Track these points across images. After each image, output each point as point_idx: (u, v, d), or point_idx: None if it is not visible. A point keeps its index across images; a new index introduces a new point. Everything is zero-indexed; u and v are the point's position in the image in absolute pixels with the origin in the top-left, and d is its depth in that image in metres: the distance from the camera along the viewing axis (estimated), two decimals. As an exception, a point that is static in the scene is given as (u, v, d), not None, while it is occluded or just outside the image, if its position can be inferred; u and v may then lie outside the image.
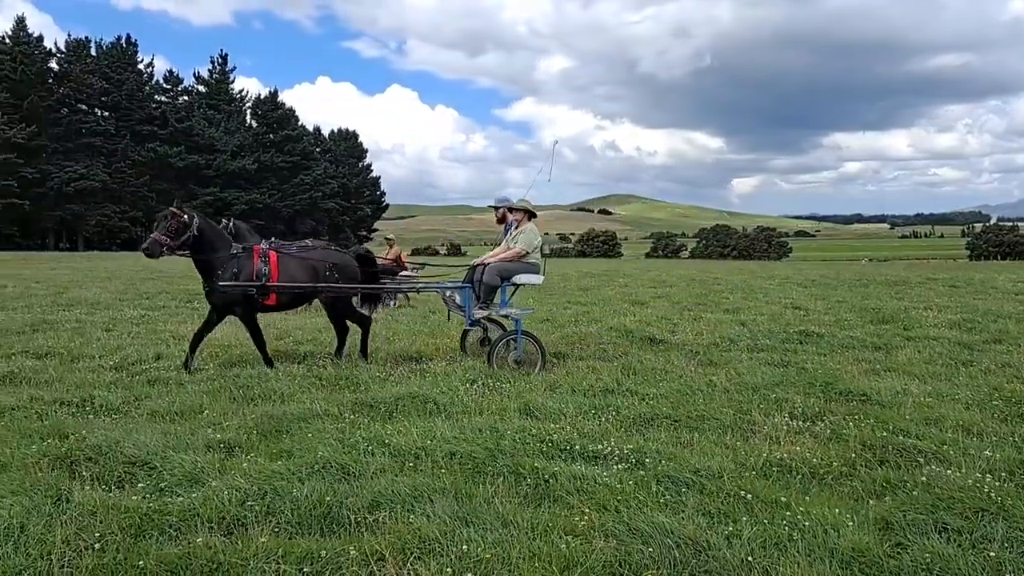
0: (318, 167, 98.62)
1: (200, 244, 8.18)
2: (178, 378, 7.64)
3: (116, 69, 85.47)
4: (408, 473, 4.57)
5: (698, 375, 7.87)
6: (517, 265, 8.74)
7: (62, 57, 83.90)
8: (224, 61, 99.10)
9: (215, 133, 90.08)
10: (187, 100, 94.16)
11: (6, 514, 3.69)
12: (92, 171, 78.90)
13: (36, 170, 75.42)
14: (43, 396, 6.62)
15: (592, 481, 4.41)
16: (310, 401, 6.50)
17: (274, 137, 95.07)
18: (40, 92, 77.32)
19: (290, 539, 3.66)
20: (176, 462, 4.64)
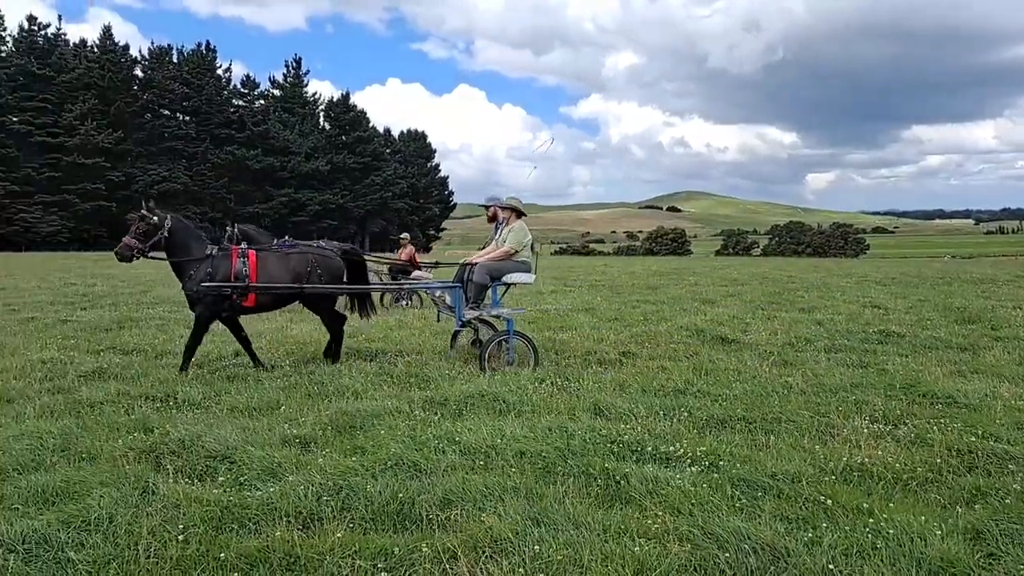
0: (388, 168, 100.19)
1: (172, 246, 8.02)
2: (256, 374, 7.85)
3: (196, 75, 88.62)
4: (479, 471, 4.59)
5: (773, 376, 7.68)
6: (507, 264, 8.60)
7: (146, 64, 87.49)
8: (298, 65, 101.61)
9: (290, 136, 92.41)
10: (263, 104, 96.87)
11: (96, 504, 3.85)
12: (174, 174, 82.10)
13: (122, 173, 78.84)
14: (129, 391, 6.89)
15: (665, 483, 4.34)
16: (382, 398, 6.59)
17: (346, 139, 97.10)
18: (126, 98, 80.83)
19: (364, 535, 3.72)
20: (255, 456, 4.76)
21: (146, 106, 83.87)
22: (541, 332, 11.03)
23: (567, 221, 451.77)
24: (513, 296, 16.02)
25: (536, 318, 13.00)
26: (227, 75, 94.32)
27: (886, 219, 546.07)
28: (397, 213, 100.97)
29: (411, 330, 11.35)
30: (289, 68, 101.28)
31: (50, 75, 78.20)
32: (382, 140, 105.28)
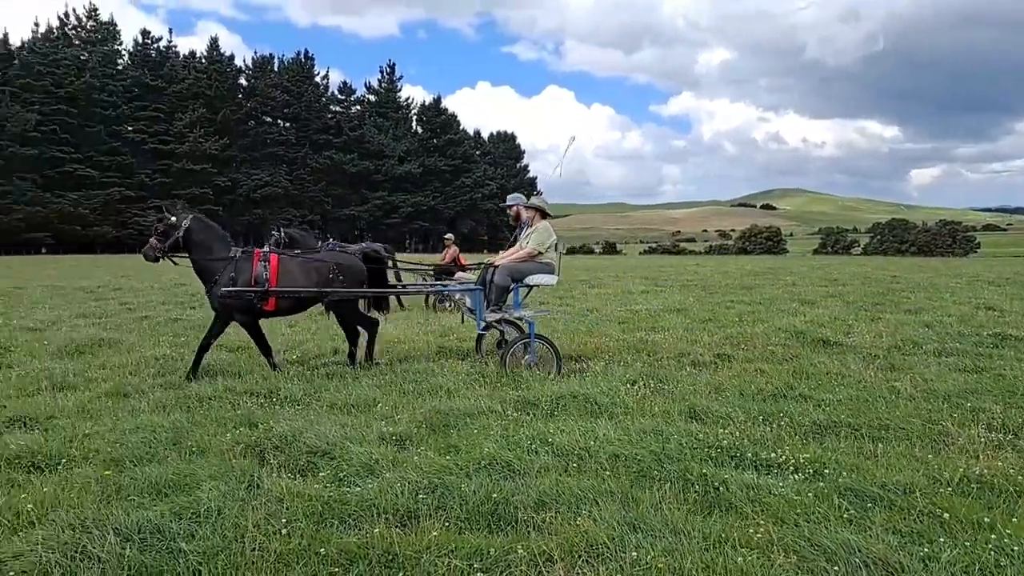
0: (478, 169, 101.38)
1: (192, 246, 7.96)
2: (354, 372, 8.02)
3: (296, 83, 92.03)
4: (572, 474, 4.55)
5: (879, 380, 7.33)
6: (530, 265, 8.42)
7: (249, 73, 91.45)
8: (392, 70, 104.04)
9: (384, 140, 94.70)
10: (359, 109, 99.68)
11: (205, 497, 4.00)
12: (275, 178, 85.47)
13: (228, 178, 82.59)
14: (235, 387, 7.14)
15: (766, 491, 4.19)
16: (475, 397, 6.62)
17: (437, 142, 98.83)
18: (231, 106, 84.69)
19: (460, 534, 3.73)
20: (353, 453, 4.86)
21: (250, 113, 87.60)
22: (632, 333, 10.89)
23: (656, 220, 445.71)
24: (570, 296, 15.92)
25: (627, 318, 12.86)
26: (325, 82, 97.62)
27: (997, 216, 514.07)
28: (486, 214, 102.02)
29: (502, 330, 11.38)
30: (383, 74, 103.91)
31: (162, 86, 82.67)
32: (472, 142, 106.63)
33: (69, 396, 6.84)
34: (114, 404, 6.53)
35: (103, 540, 3.47)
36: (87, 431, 5.50)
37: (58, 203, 71.20)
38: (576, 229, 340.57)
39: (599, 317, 13.24)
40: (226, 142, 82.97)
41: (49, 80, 75.43)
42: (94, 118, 77.42)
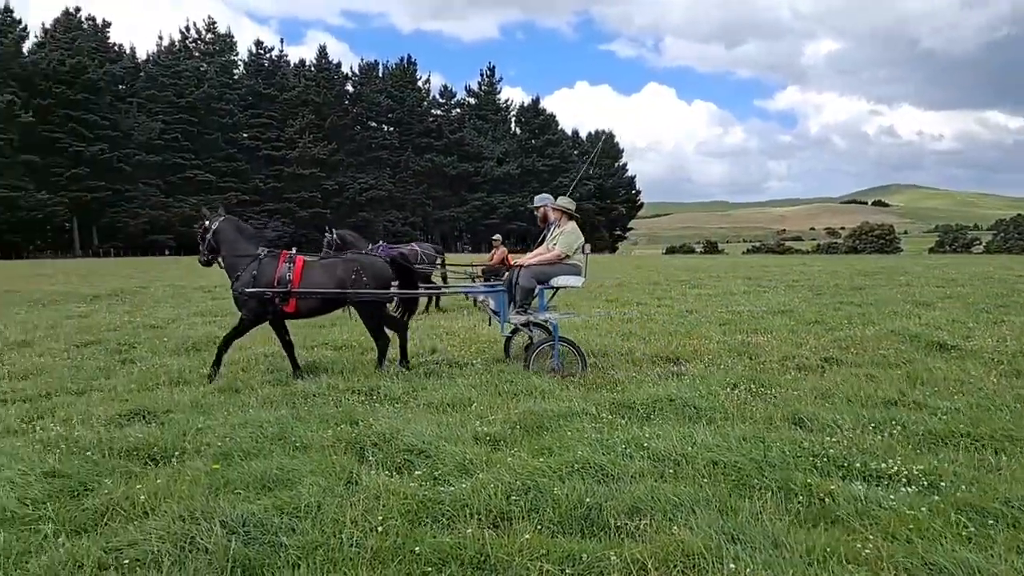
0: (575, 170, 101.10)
1: (219, 245, 8.20)
2: (450, 372, 8.13)
3: (399, 87, 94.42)
4: (668, 480, 4.44)
5: (1002, 388, 6.84)
6: (555, 267, 8.28)
7: (356, 80, 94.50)
8: (492, 73, 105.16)
9: (483, 142, 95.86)
10: (459, 112, 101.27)
11: (306, 492, 4.13)
12: (380, 181, 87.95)
13: (335, 182, 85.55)
14: (338, 384, 7.35)
15: (876, 504, 3.97)
16: (569, 399, 6.58)
17: (536, 142, 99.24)
18: (338, 112, 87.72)
19: (552, 538, 3.71)
20: (448, 452, 4.91)
21: (356, 119, 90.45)
22: (733, 335, 10.58)
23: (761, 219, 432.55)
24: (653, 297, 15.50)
25: (728, 320, 12.51)
26: (427, 86, 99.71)
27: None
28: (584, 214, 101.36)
29: (598, 331, 11.29)
30: (483, 76, 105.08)
31: (274, 94, 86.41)
32: (570, 142, 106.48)
33: (185, 391, 7.20)
34: (226, 399, 6.84)
35: (211, 532, 3.63)
36: (200, 425, 5.77)
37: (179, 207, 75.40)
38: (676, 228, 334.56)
39: (698, 318, 12.93)
40: (333, 147, 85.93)
41: (172, 91, 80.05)
42: (212, 126, 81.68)
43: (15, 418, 6.10)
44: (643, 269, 34.45)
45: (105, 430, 5.56)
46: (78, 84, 71.68)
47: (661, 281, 24.25)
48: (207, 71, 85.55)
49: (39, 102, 69.34)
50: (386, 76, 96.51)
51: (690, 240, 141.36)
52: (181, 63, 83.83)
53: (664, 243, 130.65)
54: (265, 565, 3.43)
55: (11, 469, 4.48)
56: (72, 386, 7.55)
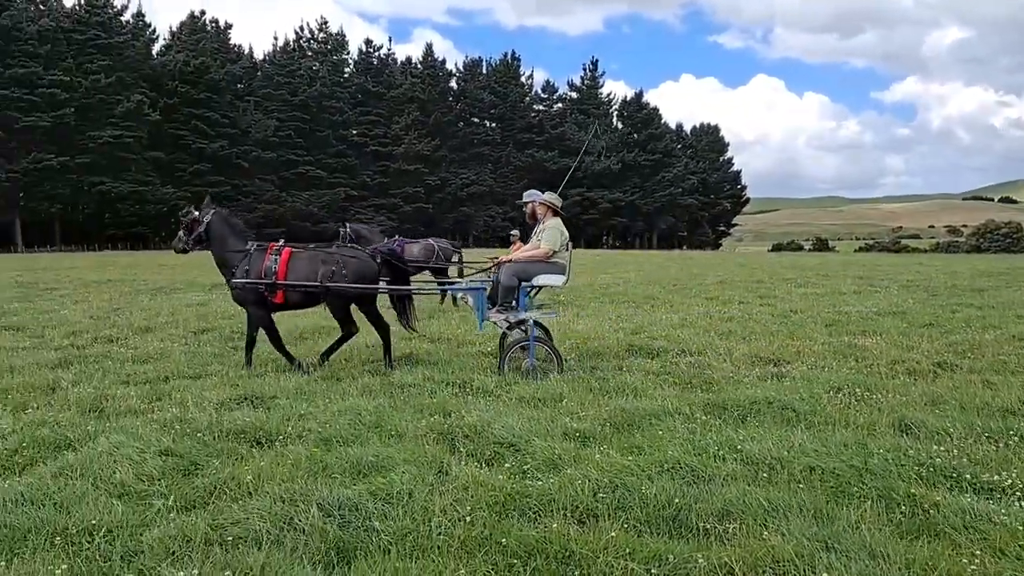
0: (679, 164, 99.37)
1: (210, 240, 8.34)
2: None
3: (502, 83, 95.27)
4: (761, 484, 4.33)
5: None
6: (538, 266, 8.05)
7: (460, 76, 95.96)
8: (594, 67, 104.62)
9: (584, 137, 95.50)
10: (560, 107, 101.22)
11: (399, 480, 4.25)
12: (481, 177, 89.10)
13: (437, 178, 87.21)
14: (433, 376, 7.52)
15: (986, 518, 3.75)
16: (662, 398, 6.50)
17: (638, 137, 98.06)
18: (442, 109, 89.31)
19: (639, 537, 3.68)
20: (537, 447, 4.95)
21: (459, 115, 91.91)
22: (839, 336, 10.17)
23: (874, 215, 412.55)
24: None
25: (834, 320, 12.03)
26: (529, 82, 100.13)
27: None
28: (686, 209, 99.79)
29: (695, 329, 11.09)
30: (586, 71, 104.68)
31: (382, 91, 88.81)
32: (673, 136, 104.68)
33: (290, 378, 7.52)
34: (328, 387, 7.10)
35: (308, 514, 3.79)
36: (302, 411, 6.01)
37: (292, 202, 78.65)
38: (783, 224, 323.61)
39: (803, 318, 12.49)
40: (437, 143, 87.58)
41: (286, 90, 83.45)
42: (323, 123, 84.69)
43: (136, 399, 6.52)
44: (747, 267, 33.53)
45: (216, 413, 5.88)
46: (201, 84, 75.76)
47: (765, 279, 23.51)
48: (319, 70, 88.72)
49: (165, 101, 73.66)
50: (489, 72, 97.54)
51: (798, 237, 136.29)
52: (295, 62, 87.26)
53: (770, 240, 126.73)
54: (358, 548, 3.56)
55: (130, 447, 4.81)
56: (188, 370, 8.01)
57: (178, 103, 74.51)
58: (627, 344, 9.54)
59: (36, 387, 7.01)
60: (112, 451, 4.72)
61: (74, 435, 5.24)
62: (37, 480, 4.28)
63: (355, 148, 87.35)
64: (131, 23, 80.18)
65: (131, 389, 6.91)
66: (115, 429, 5.38)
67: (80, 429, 5.41)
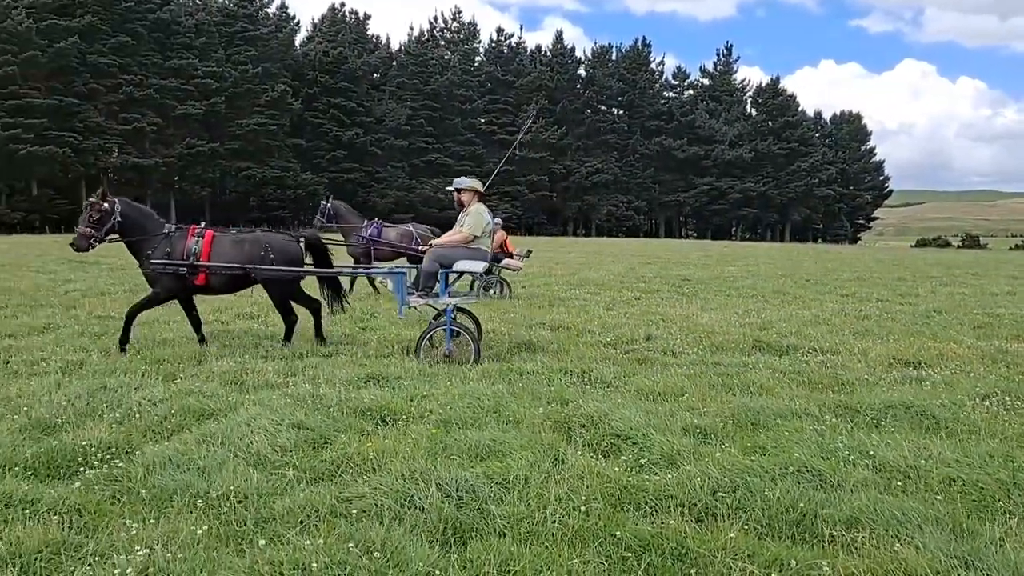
0: (815, 153, 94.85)
1: (126, 228, 8.15)
2: (664, 360, 8.04)
3: (631, 70, 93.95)
4: (895, 493, 4.09)
5: None
6: (458, 251, 8.15)
7: (588, 63, 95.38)
8: (729, 52, 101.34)
9: (715, 124, 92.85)
10: (691, 94, 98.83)
11: (515, 466, 4.30)
12: (606, 165, 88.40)
13: (562, 166, 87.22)
14: (552, 364, 7.55)
15: None
16: (789, 398, 6.26)
17: (772, 125, 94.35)
18: (569, 97, 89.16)
19: (759, 539, 3.57)
20: (655, 441, 4.88)
21: (587, 103, 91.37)
22: (989, 340, 9.44)
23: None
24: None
25: (984, 323, 11.20)
26: (660, 68, 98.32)
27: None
28: (822, 201, 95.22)
29: (828, 326, 10.59)
30: (719, 56, 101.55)
31: (511, 80, 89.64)
32: (811, 124, 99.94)
33: (413, 360, 7.75)
34: (449, 371, 7.26)
35: (427, 493, 3.90)
36: (424, 392, 6.19)
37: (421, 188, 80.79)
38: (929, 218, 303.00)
39: (948, 319, 11.68)
40: (563, 131, 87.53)
41: (419, 79, 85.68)
42: (453, 112, 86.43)
43: (273, 373, 6.91)
44: (886, 263, 31.67)
45: (345, 390, 6.14)
46: (339, 73, 79.01)
47: (907, 276, 22.16)
48: (451, 59, 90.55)
49: (306, 91, 77.29)
50: (619, 59, 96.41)
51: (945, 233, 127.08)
52: (428, 52, 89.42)
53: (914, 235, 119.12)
54: (474, 530, 3.63)
55: (266, 419, 5.10)
56: (321, 349, 8.40)
57: (318, 92, 77.98)
58: (754, 340, 9.24)
59: (185, 358, 7.57)
60: (250, 422, 5.03)
61: (216, 405, 5.62)
62: (183, 446, 4.62)
63: (483, 136, 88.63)
64: (275, 15, 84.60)
65: (268, 364, 7.32)
66: (253, 401, 5.73)
67: (222, 400, 5.79)
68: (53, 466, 4.33)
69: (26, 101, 57.68)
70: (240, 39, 74.57)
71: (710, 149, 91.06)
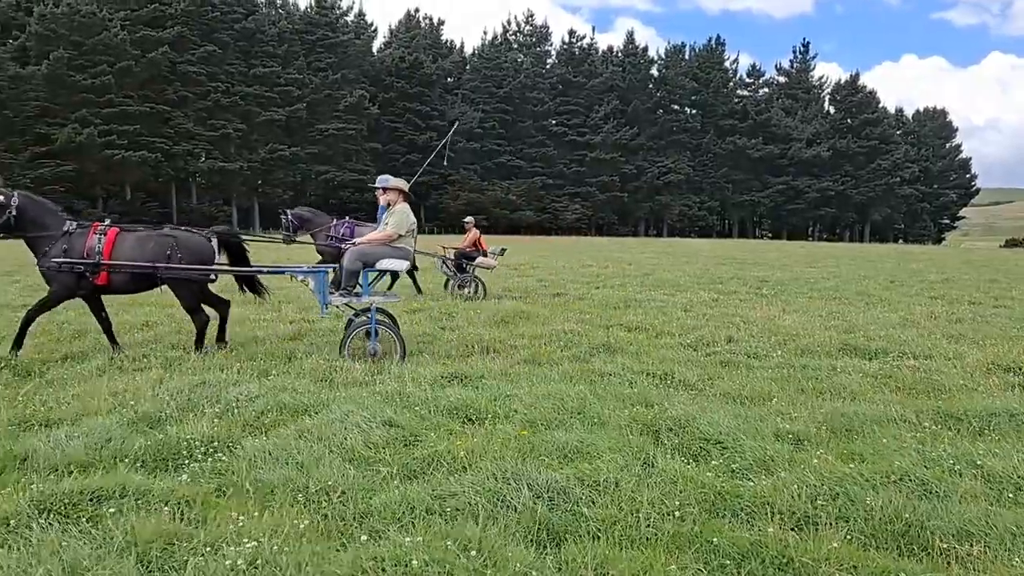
0: (897, 151, 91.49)
1: (23, 223, 7.69)
2: (748, 363, 7.87)
3: (705, 69, 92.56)
4: (1007, 505, 3.91)
5: None
6: (381, 249, 8.10)
7: (661, 63, 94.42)
8: (805, 49, 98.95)
9: (791, 122, 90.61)
10: (766, 92, 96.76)
11: (605, 468, 4.28)
12: (678, 165, 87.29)
13: (633, 166, 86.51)
14: (632, 366, 7.48)
15: None
16: (883, 404, 6.05)
17: (851, 122, 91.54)
18: (641, 96, 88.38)
19: (863, 550, 3.46)
20: (746, 446, 4.78)
21: (659, 103, 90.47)
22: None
23: None
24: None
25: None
26: (734, 67, 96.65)
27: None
28: (904, 200, 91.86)
29: (918, 329, 10.19)
30: (796, 53, 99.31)
31: (582, 81, 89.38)
32: (892, 121, 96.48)
33: (495, 360, 7.80)
34: (530, 371, 7.28)
35: (519, 493, 3.92)
36: (508, 392, 6.21)
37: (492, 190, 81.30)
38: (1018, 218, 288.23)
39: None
40: (635, 131, 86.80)
41: (492, 82, 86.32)
42: (525, 114, 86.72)
43: (360, 371, 7.05)
44: (975, 264, 30.32)
45: (430, 389, 6.22)
46: (415, 78, 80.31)
47: (999, 278, 21.15)
48: (523, 62, 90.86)
49: (383, 96, 78.79)
50: (692, 58, 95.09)
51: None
52: (501, 55, 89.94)
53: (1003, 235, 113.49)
54: (567, 532, 3.63)
55: (358, 415, 5.20)
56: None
57: (394, 97, 79.37)
58: (840, 343, 8.96)
59: (276, 356, 7.80)
60: (343, 419, 5.15)
61: (309, 401, 5.77)
62: (281, 440, 4.75)
63: (554, 138, 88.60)
64: (354, 23, 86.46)
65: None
66: (343, 399, 5.86)
67: (314, 396, 5.94)
68: (160, 458, 4.52)
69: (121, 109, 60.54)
70: (321, 46, 76.56)
71: (786, 148, 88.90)
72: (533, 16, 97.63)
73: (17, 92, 57.32)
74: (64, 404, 5.75)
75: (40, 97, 58.63)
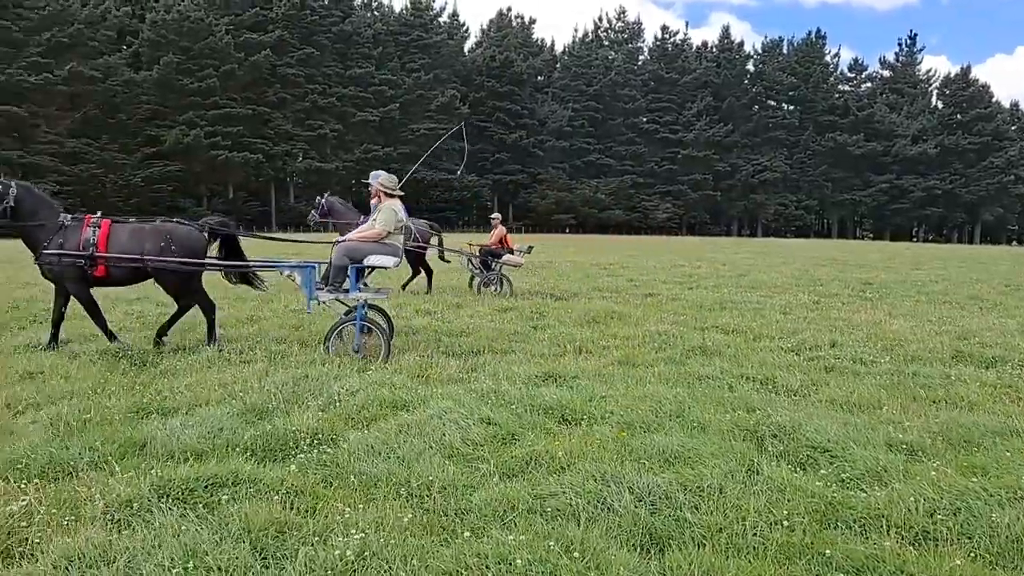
0: (1012, 148, 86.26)
1: (19, 215, 7.61)
2: (854, 368, 7.56)
3: (804, 64, 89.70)
4: None
5: None
6: (370, 246, 8.01)
7: (757, 58, 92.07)
8: (912, 42, 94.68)
9: (895, 118, 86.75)
10: (869, 87, 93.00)
11: (708, 473, 4.17)
12: (774, 162, 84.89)
13: (727, 164, 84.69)
14: (731, 370, 7.28)
15: None
16: (1004, 415, 5.69)
17: (961, 118, 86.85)
18: (736, 93, 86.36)
19: (990, 569, 3.26)
20: (857, 455, 4.58)
21: (754, 99, 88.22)
22: None
23: None
24: None
25: None
26: (835, 61, 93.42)
27: None
28: (1019, 199, 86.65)
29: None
30: (901, 47, 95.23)
31: (675, 78, 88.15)
32: (1007, 116, 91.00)
33: (588, 360, 7.74)
34: (624, 372, 7.20)
35: (620, 496, 3.87)
36: (603, 394, 6.16)
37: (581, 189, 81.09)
38: None
39: None
40: (730, 128, 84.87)
41: (582, 80, 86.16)
42: (615, 111, 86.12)
43: (456, 369, 7.13)
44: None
45: (526, 388, 6.22)
46: (505, 77, 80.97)
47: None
48: (614, 59, 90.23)
49: (473, 95, 79.73)
50: (790, 53, 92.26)
51: None
52: (592, 53, 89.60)
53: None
54: (671, 537, 3.55)
55: (456, 412, 5.25)
56: (496, 346, 8.56)
57: (484, 96, 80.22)
58: (953, 350, 8.51)
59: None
60: (441, 415, 5.20)
61: (407, 397, 5.86)
62: (383, 435, 4.85)
63: (645, 135, 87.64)
64: (447, 23, 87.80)
65: (451, 360, 7.56)
66: (440, 395, 5.92)
67: (412, 392, 6.03)
68: (268, 449, 4.68)
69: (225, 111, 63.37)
70: (415, 47, 78.13)
71: (890, 145, 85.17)
72: (625, 12, 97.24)
73: (130, 96, 60.87)
74: (177, 394, 6.02)
75: (151, 100, 62.02)
